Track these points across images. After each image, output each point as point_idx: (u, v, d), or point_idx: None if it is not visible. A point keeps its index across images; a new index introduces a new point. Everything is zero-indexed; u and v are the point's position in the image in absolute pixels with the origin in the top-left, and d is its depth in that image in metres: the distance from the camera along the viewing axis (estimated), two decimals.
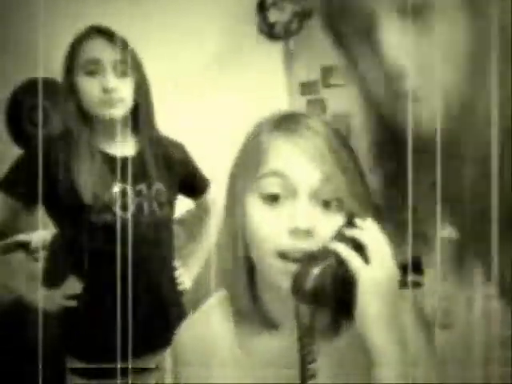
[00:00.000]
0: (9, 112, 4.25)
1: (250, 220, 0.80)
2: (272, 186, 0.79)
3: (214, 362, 0.87)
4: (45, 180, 1.54)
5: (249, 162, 0.82)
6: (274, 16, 4.25)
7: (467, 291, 1.04)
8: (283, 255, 0.78)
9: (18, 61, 3.89)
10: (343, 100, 5.58)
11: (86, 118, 1.63)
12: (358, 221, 0.80)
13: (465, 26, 0.78)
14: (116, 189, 1.60)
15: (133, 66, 1.63)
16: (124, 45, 1.63)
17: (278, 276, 0.79)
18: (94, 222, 1.55)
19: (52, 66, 3.73)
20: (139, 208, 1.60)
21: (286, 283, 0.77)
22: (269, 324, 0.86)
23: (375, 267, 0.76)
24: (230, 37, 4.28)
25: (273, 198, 0.79)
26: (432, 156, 0.82)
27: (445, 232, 0.99)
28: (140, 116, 1.69)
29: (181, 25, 4.17)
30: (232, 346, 0.87)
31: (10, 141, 4.12)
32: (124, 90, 1.62)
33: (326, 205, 0.80)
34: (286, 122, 0.83)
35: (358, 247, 0.78)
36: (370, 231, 0.79)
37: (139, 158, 1.66)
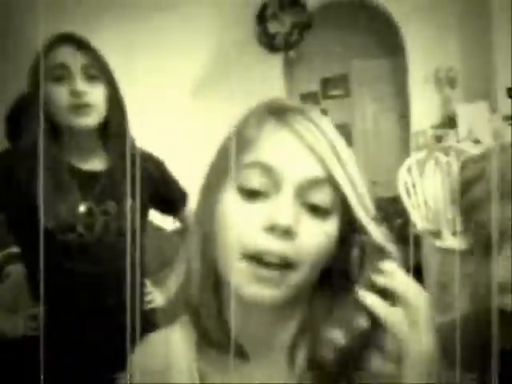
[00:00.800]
0: (9, 121, 4.25)
1: (223, 218, 0.68)
2: (253, 179, 0.67)
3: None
4: (8, 196, 1.50)
5: (230, 151, 0.69)
6: (273, 27, 4.27)
7: None
8: (254, 258, 0.65)
9: (17, 69, 3.90)
10: (343, 111, 5.61)
11: (55, 129, 1.55)
12: (383, 264, 0.65)
13: None
14: (82, 207, 1.53)
15: (103, 74, 1.55)
16: (93, 50, 1.55)
17: (244, 284, 0.66)
18: (57, 243, 1.49)
19: None
20: (105, 227, 1.53)
21: (251, 291, 0.66)
22: (238, 354, 0.72)
23: (421, 332, 0.61)
24: (230, 48, 4.29)
25: (252, 194, 0.67)
26: None
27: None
28: (112, 128, 1.59)
29: (179, 37, 4.18)
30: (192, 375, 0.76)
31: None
32: (94, 96, 1.52)
33: (314, 209, 0.67)
34: (283, 111, 0.71)
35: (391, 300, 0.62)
36: (401, 278, 0.64)
37: (109, 173, 1.58)
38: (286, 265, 0.65)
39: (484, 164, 0.85)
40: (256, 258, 0.65)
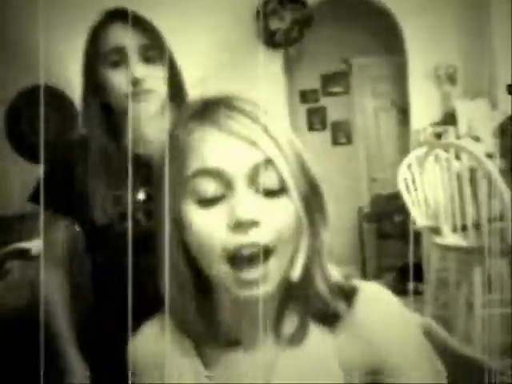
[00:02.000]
0: (9, 121, 4.26)
1: (191, 229, 0.70)
2: (206, 185, 0.69)
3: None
4: (70, 191, 1.39)
5: (173, 164, 0.71)
6: (274, 24, 4.27)
7: None
8: (231, 257, 0.68)
9: (18, 68, 3.90)
10: (343, 108, 5.62)
11: (113, 117, 1.45)
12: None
13: None
14: (141, 195, 1.43)
15: (162, 54, 1.42)
16: (150, 28, 1.44)
17: (235, 288, 0.69)
18: (118, 233, 1.37)
19: (53, 73, 3.73)
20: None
21: (244, 294, 0.70)
22: (230, 343, 0.77)
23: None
24: (230, 45, 4.29)
25: (209, 200, 0.69)
26: None
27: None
28: (173, 112, 1.47)
29: (179, 33, 4.18)
30: (196, 367, 0.79)
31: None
32: (155, 80, 1.40)
33: (267, 192, 0.69)
34: (204, 112, 0.73)
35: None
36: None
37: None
38: (264, 252, 0.68)
39: None
40: (236, 258, 0.67)
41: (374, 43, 5.01)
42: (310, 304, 0.75)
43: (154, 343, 0.83)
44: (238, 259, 0.67)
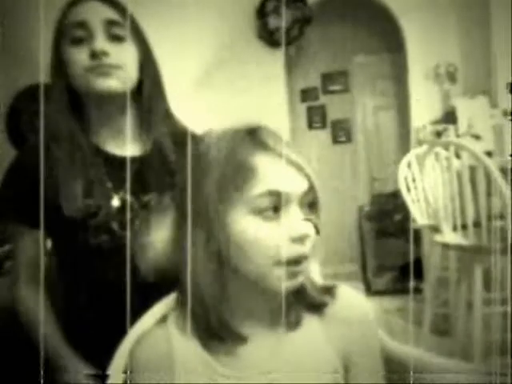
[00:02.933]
0: (9, 119, 4.26)
1: (244, 237, 0.83)
2: (268, 202, 0.83)
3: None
4: (36, 195, 1.22)
5: (233, 182, 0.84)
6: (274, 23, 4.26)
7: None
8: (285, 262, 0.83)
9: (19, 66, 3.90)
10: (343, 106, 5.61)
11: (78, 104, 1.29)
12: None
13: None
14: (115, 201, 1.28)
15: (133, 35, 1.30)
16: (122, 7, 1.30)
17: (278, 281, 0.84)
18: (90, 245, 1.25)
19: None
20: (145, 225, 1.22)
21: (285, 285, 0.84)
22: (237, 339, 0.89)
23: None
24: (230, 43, 4.29)
25: (271, 211, 0.84)
26: None
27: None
28: (146, 100, 1.31)
29: (179, 32, 4.18)
30: (207, 362, 0.89)
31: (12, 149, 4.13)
32: (120, 57, 1.26)
33: (311, 206, 0.89)
34: (258, 137, 0.87)
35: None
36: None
37: (148, 159, 1.31)
38: (305, 258, 0.85)
39: None
40: (287, 261, 0.83)
41: (374, 42, 5.01)
42: (302, 297, 0.92)
43: (162, 342, 0.90)
44: (289, 263, 0.83)
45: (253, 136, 0.88)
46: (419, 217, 2.94)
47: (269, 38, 4.30)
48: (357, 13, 4.69)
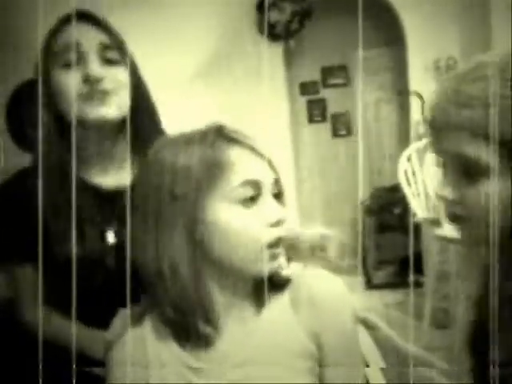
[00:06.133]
0: (9, 115, 4.25)
1: (227, 226, 0.89)
2: (248, 191, 0.90)
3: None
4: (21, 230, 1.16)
5: (210, 176, 0.88)
6: (273, 16, 4.25)
7: None
8: (267, 245, 0.90)
9: (17, 62, 3.89)
10: (343, 100, 5.61)
11: (65, 128, 1.20)
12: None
13: None
14: (110, 237, 1.21)
15: (124, 58, 1.23)
16: (111, 30, 1.24)
17: (262, 265, 0.90)
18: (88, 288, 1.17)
19: None
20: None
21: (268, 268, 0.91)
22: (203, 341, 0.92)
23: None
24: (230, 37, 4.28)
25: (247, 202, 0.90)
26: None
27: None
28: (143, 125, 1.24)
29: (179, 26, 4.17)
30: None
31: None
32: (114, 82, 1.19)
33: (278, 196, 0.95)
34: (226, 134, 0.93)
35: None
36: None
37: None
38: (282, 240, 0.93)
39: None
40: (269, 245, 0.90)
41: (374, 35, 4.99)
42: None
43: (136, 345, 0.95)
44: (274, 245, 0.90)
45: (221, 134, 0.92)
46: (419, 210, 2.94)
47: (269, 31, 4.28)
48: (357, 6, 4.67)
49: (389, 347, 1.03)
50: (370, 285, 4.42)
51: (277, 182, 0.95)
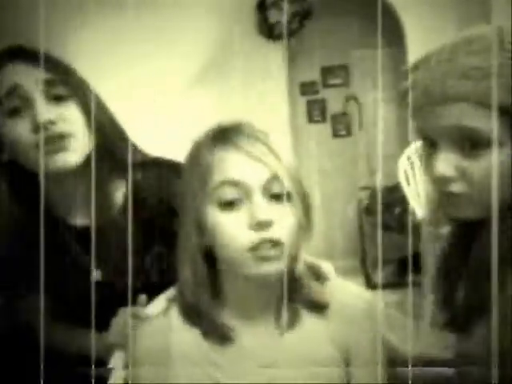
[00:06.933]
0: None
1: (215, 229, 0.90)
2: (228, 193, 0.89)
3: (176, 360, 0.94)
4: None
5: (198, 173, 0.91)
6: (273, 16, 4.25)
7: None
8: (250, 248, 0.88)
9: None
10: (343, 100, 5.60)
11: (26, 181, 1.12)
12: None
13: None
14: (97, 275, 1.16)
15: (74, 90, 1.12)
16: (55, 61, 1.12)
17: (249, 267, 0.89)
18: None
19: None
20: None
21: (261, 270, 0.89)
22: (224, 337, 0.93)
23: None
24: (230, 37, 4.28)
25: (229, 205, 0.89)
26: None
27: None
28: (117, 149, 1.16)
29: (179, 26, 4.17)
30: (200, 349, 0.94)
31: None
32: (68, 121, 1.08)
33: (277, 198, 0.91)
34: (222, 136, 0.93)
35: None
36: None
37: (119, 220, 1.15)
38: (275, 243, 0.88)
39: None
40: (255, 248, 0.87)
41: (374, 35, 4.99)
42: (298, 295, 0.95)
43: (162, 334, 0.96)
44: (259, 248, 0.87)
45: (217, 136, 0.94)
46: (419, 210, 2.94)
47: (268, 31, 4.29)
48: (357, 6, 4.67)
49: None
50: (369, 284, 4.42)
51: (273, 181, 0.91)
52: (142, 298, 1.08)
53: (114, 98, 1.23)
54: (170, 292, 1.03)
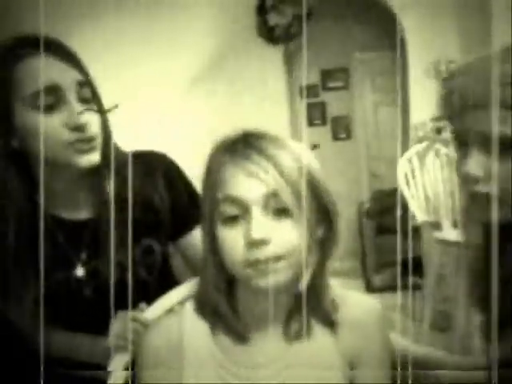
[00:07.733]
0: None
1: (217, 241, 0.90)
2: (228, 209, 0.88)
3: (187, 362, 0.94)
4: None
5: (209, 187, 0.91)
6: (273, 19, 4.26)
7: None
8: (247, 264, 0.86)
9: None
10: (343, 103, 5.61)
11: (28, 172, 1.14)
12: None
13: None
14: (80, 271, 1.18)
15: (94, 94, 1.16)
16: (78, 59, 1.15)
17: (250, 281, 0.88)
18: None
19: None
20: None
21: (262, 283, 0.87)
22: (240, 338, 0.94)
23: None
24: (230, 40, 4.28)
25: (230, 220, 0.88)
26: None
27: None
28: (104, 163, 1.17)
29: (179, 29, 4.17)
30: (212, 350, 0.94)
31: None
32: (94, 124, 1.13)
33: (278, 213, 0.88)
34: (234, 145, 0.90)
35: None
36: None
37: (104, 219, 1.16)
38: (275, 258, 0.86)
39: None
40: (249, 264, 0.86)
41: (374, 38, 5.00)
42: (315, 312, 0.94)
43: (174, 330, 0.96)
44: (255, 265, 0.86)
45: (226, 148, 0.91)
46: (419, 213, 2.94)
47: (268, 34, 4.29)
48: (357, 9, 4.68)
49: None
50: (369, 288, 4.42)
51: (272, 197, 0.87)
52: (142, 305, 1.09)
53: (113, 98, 1.24)
54: (181, 292, 1.04)
